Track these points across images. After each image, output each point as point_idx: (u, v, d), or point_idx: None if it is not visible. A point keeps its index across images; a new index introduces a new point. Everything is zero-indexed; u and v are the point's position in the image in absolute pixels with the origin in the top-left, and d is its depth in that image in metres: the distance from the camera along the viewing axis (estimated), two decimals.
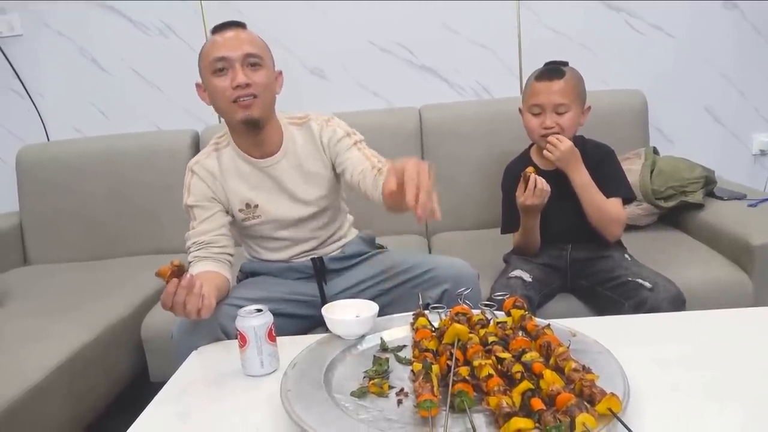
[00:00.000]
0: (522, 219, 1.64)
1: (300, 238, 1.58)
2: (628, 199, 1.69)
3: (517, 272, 1.62)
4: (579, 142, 1.70)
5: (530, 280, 1.60)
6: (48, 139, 2.61)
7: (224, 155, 1.53)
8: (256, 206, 1.52)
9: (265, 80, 1.42)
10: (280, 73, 1.52)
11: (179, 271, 1.15)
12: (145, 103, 2.57)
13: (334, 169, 1.56)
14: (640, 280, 1.51)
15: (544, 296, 1.62)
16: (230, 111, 1.42)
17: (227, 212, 1.53)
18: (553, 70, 1.63)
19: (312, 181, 1.54)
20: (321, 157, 1.54)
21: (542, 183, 1.54)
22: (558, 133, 1.60)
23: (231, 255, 1.49)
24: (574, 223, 1.63)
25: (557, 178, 1.61)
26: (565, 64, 1.66)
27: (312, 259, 1.58)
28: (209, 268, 1.42)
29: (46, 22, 2.52)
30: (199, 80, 1.48)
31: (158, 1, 2.48)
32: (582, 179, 1.60)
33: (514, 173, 1.72)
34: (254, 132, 1.46)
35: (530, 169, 1.57)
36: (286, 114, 1.57)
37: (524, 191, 1.56)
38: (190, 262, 1.45)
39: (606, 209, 1.61)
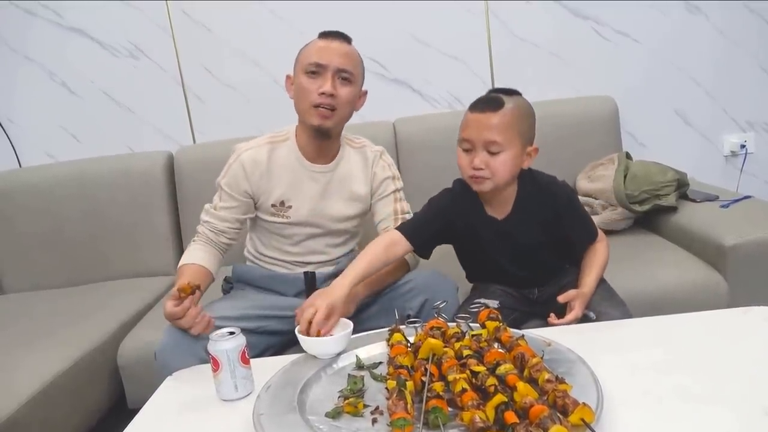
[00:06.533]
0: None
1: (311, 250, 1.61)
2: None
3: (482, 300, 1.45)
4: (527, 180, 1.45)
5: (497, 306, 1.41)
6: (20, 165, 2.57)
7: (279, 150, 1.56)
8: (289, 207, 1.56)
9: (349, 97, 1.50)
10: (365, 92, 1.58)
11: (193, 290, 1.29)
12: (118, 125, 2.55)
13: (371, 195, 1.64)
14: (585, 311, 1.37)
15: (512, 321, 1.47)
16: (307, 113, 1.49)
17: (250, 209, 1.57)
18: (491, 99, 1.35)
19: (350, 200, 1.61)
20: (367, 183, 1.62)
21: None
22: (487, 178, 1.36)
23: (231, 247, 1.59)
24: (533, 274, 1.48)
25: (506, 228, 1.45)
26: (514, 92, 1.38)
27: (304, 273, 1.59)
28: (205, 258, 1.50)
29: (14, 48, 2.50)
30: (290, 73, 1.54)
31: (127, 22, 2.46)
32: (592, 293, 1.41)
33: (457, 195, 1.50)
34: (319, 139, 1.53)
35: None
36: (344, 134, 1.63)
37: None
38: (198, 233, 1.55)
39: (605, 264, 1.48)
